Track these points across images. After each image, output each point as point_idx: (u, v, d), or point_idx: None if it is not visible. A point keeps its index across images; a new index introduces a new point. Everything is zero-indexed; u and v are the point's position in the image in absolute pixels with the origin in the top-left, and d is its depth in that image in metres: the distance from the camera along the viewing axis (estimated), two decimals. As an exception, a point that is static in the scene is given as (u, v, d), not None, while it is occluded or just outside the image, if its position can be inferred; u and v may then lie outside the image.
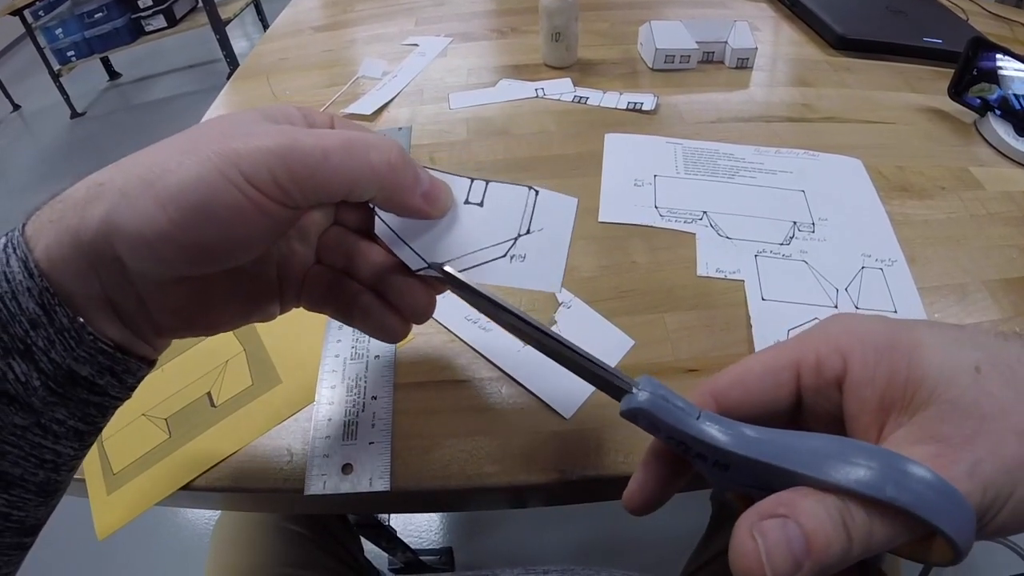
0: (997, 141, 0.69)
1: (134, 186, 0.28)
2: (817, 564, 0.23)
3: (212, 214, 0.28)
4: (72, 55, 3.37)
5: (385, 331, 0.38)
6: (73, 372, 0.29)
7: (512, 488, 0.42)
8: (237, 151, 0.28)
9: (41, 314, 0.28)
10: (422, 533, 1.44)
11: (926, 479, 0.23)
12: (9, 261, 0.28)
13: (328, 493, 0.42)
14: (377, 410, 0.46)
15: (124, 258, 0.28)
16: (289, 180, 0.29)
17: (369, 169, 0.31)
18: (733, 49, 0.85)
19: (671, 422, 0.27)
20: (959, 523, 0.23)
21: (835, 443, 0.25)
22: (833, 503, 0.24)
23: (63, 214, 0.28)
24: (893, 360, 0.27)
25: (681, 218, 0.59)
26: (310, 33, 1.08)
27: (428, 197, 0.35)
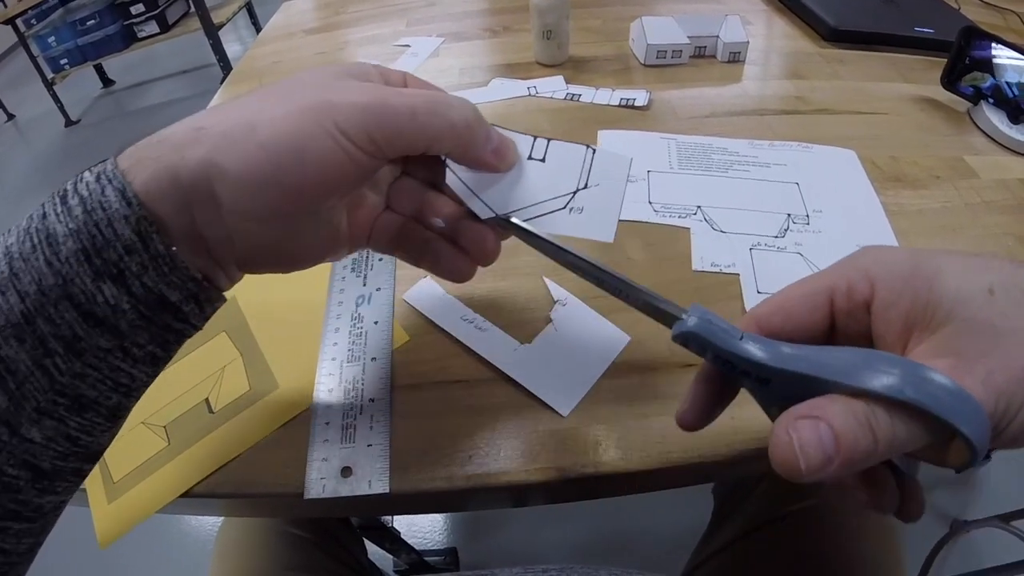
0: (991, 129, 0.69)
1: (238, 130, 0.31)
2: (846, 460, 0.26)
3: (309, 160, 0.31)
4: (65, 63, 3.36)
5: (454, 273, 0.41)
6: (163, 297, 0.31)
7: (511, 487, 0.42)
8: (333, 104, 0.32)
9: (136, 240, 0.29)
10: (426, 534, 1.44)
11: (943, 384, 0.25)
12: (105, 191, 0.29)
13: (328, 497, 0.42)
14: (375, 412, 0.45)
15: (222, 197, 0.31)
16: (380, 135, 0.33)
17: (450, 127, 0.35)
18: (725, 43, 0.85)
19: (717, 343, 0.30)
20: (974, 423, 0.25)
21: (863, 355, 0.28)
22: (860, 406, 0.26)
23: (161, 152, 0.30)
24: (915, 285, 0.29)
25: (676, 213, 0.59)
26: (302, 36, 1.08)
27: (497, 153, 0.38)
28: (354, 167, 0.33)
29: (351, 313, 0.52)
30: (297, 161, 0.31)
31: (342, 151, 0.32)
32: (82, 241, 0.29)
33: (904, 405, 0.26)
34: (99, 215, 0.29)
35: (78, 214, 0.29)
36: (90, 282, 0.29)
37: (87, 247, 0.29)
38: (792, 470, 0.27)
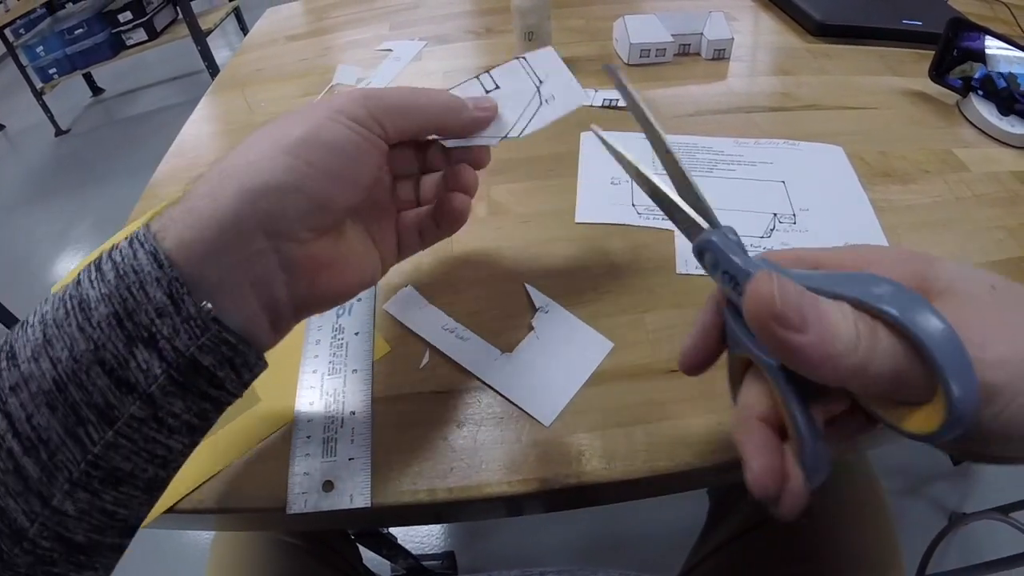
0: (980, 121, 0.69)
1: (261, 153, 0.33)
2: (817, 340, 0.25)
3: (330, 146, 0.35)
4: (54, 72, 3.35)
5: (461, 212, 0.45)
6: (195, 361, 0.31)
7: (493, 499, 0.41)
8: (336, 102, 0.36)
9: (168, 303, 0.30)
10: (423, 539, 1.44)
11: (938, 324, 0.24)
12: (136, 255, 0.30)
13: (310, 511, 0.41)
14: (356, 425, 0.45)
15: (264, 219, 0.32)
16: (381, 112, 0.37)
17: (434, 103, 0.41)
18: (709, 40, 0.84)
19: (734, 258, 0.30)
20: (963, 376, 0.23)
21: (866, 275, 0.27)
22: (851, 309, 0.26)
23: (191, 206, 0.31)
24: (912, 264, 0.29)
25: (660, 215, 0.58)
26: (285, 42, 1.07)
27: (480, 107, 0.43)
28: (368, 146, 0.37)
29: (332, 324, 0.51)
30: (324, 153, 0.34)
31: (355, 135, 0.36)
32: (114, 305, 0.29)
33: (897, 328, 0.25)
34: (131, 279, 0.29)
35: (111, 279, 0.30)
36: (122, 347, 0.29)
37: (119, 311, 0.29)
38: (764, 306, 0.25)
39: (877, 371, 0.25)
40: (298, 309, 0.37)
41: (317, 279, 0.37)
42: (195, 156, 0.80)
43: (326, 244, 0.37)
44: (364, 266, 0.42)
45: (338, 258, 0.38)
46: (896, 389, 0.26)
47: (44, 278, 2.46)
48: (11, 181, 3.20)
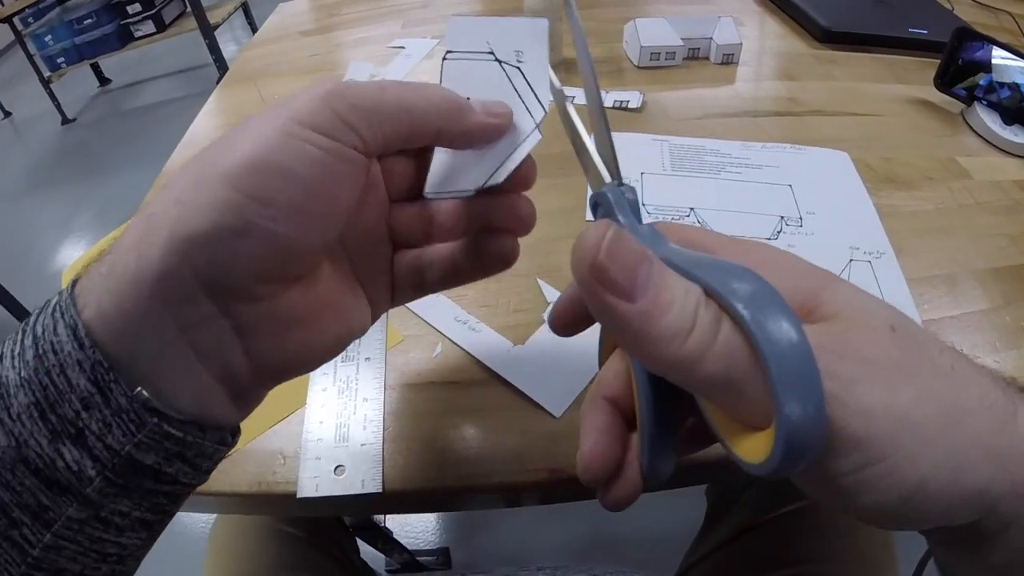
0: (984, 130, 0.70)
1: (190, 188, 0.25)
2: (645, 314, 0.21)
3: (288, 173, 0.26)
4: (62, 61, 3.35)
5: (504, 258, 0.36)
6: (134, 460, 0.25)
7: (503, 488, 0.42)
8: (291, 107, 0.27)
9: (95, 392, 0.24)
10: (418, 534, 1.44)
11: (790, 334, 0.20)
12: (56, 328, 0.25)
13: (320, 496, 0.42)
14: (368, 412, 0.46)
15: (206, 275, 0.25)
16: (353, 114, 0.27)
17: (424, 99, 0.30)
18: (718, 45, 0.85)
19: (619, 216, 0.28)
20: (799, 396, 0.19)
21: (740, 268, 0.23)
22: (698, 288, 0.22)
23: (114, 262, 0.25)
24: (801, 282, 0.25)
25: (669, 215, 0.60)
26: (296, 38, 1.08)
27: (490, 112, 0.32)
28: (341, 165, 0.27)
29: (345, 314, 0.52)
30: (276, 180, 0.26)
31: (321, 152, 0.26)
32: (34, 393, 0.24)
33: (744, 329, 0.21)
34: (51, 360, 0.24)
35: (29, 358, 0.25)
36: (47, 444, 0.24)
37: (40, 400, 0.24)
38: (584, 256, 0.22)
39: (708, 371, 0.21)
40: (265, 378, 0.30)
41: (285, 341, 0.29)
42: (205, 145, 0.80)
43: (294, 296, 0.29)
44: (348, 316, 0.33)
45: (312, 311, 0.30)
46: (729, 400, 0.22)
47: (47, 266, 2.46)
48: (17, 168, 3.21)
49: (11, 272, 2.00)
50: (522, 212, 0.35)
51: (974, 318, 0.50)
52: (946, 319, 0.50)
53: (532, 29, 0.35)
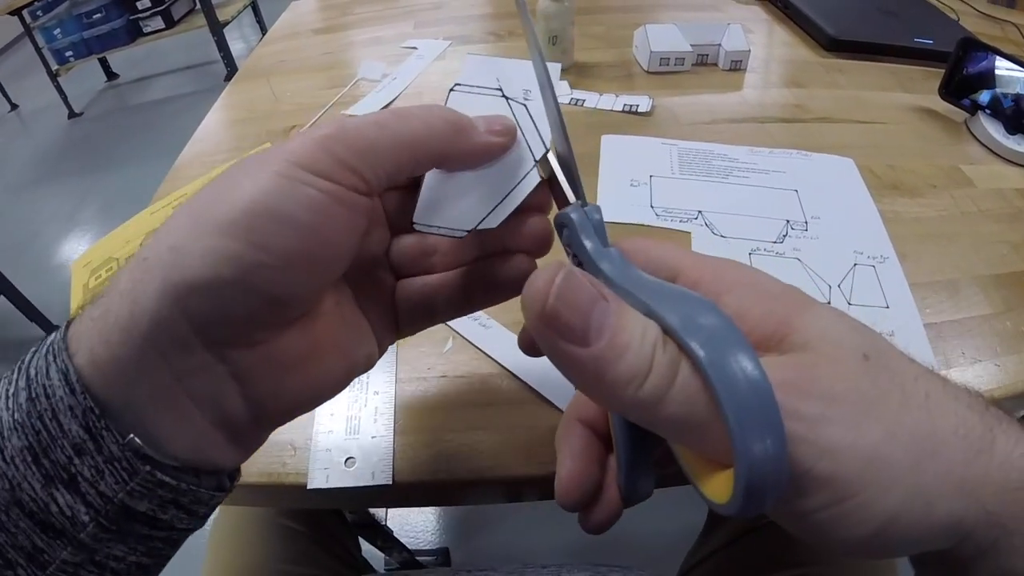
0: (988, 139, 0.70)
1: (185, 234, 0.24)
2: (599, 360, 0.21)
3: (288, 220, 0.25)
4: (70, 55, 3.36)
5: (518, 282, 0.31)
6: (127, 507, 0.25)
7: (512, 481, 0.43)
8: (289, 150, 0.26)
9: (87, 439, 0.24)
10: (418, 533, 1.44)
11: (748, 373, 0.20)
12: (49, 371, 0.24)
13: (331, 487, 0.42)
14: (379, 405, 0.46)
15: (201, 324, 0.25)
16: (353, 156, 0.26)
17: (426, 127, 0.28)
18: (727, 51, 0.86)
19: (583, 238, 0.27)
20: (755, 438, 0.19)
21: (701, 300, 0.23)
22: (657, 329, 0.22)
23: (107, 307, 0.24)
24: (772, 306, 0.24)
25: (677, 217, 0.60)
26: (309, 35, 1.09)
27: (493, 130, 0.31)
28: (342, 210, 0.26)
29: (356, 308, 0.53)
30: (273, 226, 0.25)
31: (322, 195, 0.25)
32: (27, 437, 0.24)
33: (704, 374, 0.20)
34: (43, 404, 0.24)
35: (22, 401, 0.24)
36: (40, 488, 0.24)
37: (33, 445, 0.24)
38: (533, 303, 0.21)
39: (667, 414, 0.21)
40: (265, 420, 0.29)
41: (284, 384, 0.28)
42: (218, 142, 0.81)
43: (292, 338, 0.28)
44: (351, 351, 0.32)
45: (312, 351, 0.29)
46: (692, 441, 0.22)
47: (51, 259, 2.47)
48: (22, 161, 3.21)
49: (15, 264, 2.01)
50: (540, 232, 0.33)
51: (975, 323, 0.50)
52: (948, 323, 0.50)
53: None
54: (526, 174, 0.32)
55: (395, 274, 0.35)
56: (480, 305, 0.35)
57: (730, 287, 0.25)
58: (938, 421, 0.22)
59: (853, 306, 0.51)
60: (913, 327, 0.50)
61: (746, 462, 0.19)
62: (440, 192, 0.32)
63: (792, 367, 0.22)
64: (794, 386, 0.21)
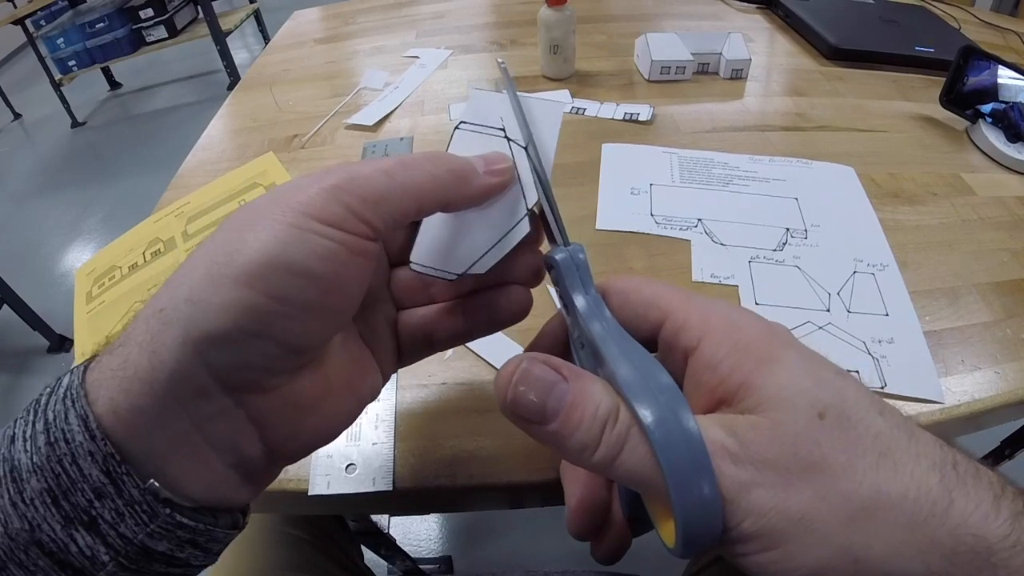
0: (988, 148, 0.71)
1: (202, 287, 0.25)
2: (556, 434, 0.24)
3: (305, 269, 0.26)
4: (73, 64, 3.38)
5: (520, 311, 0.36)
6: (147, 548, 0.26)
7: (513, 487, 0.43)
8: (301, 202, 0.26)
9: (107, 483, 0.24)
10: (421, 541, 1.44)
11: (683, 430, 0.23)
12: (68, 416, 0.25)
13: (332, 493, 0.42)
14: (380, 411, 0.46)
15: (221, 370, 0.25)
16: (363, 207, 0.27)
17: (430, 178, 0.30)
18: (727, 60, 0.86)
19: (567, 282, 0.30)
20: (696, 509, 0.22)
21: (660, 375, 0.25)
22: (611, 403, 0.24)
23: (126, 358, 0.25)
24: (741, 359, 0.25)
25: (677, 225, 0.61)
26: (312, 45, 1.10)
27: (492, 171, 0.33)
28: (355, 258, 0.28)
29: (358, 315, 0.53)
30: (291, 278, 0.26)
31: (336, 244, 0.26)
32: (47, 480, 0.24)
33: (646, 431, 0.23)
34: (62, 449, 0.24)
35: (41, 444, 0.25)
36: (60, 529, 0.24)
37: (52, 488, 0.24)
38: (498, 395, 0.25)
39: (618, 474, 0.24)
40: (280, 459, 0.30)
41: (300, 425, 0.30)
42: (221, 151, 0.82)
43: (306, 381, 0.29)
44: (360, 387, 0.33)
45: (325, 391, 0.30)
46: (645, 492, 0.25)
47: (53, 268, 2.47)
48: (26, 170, 3.23)
49: (18, 273, 2.01)
50: (532, 265, 0.35)
51: (975, 330, 0.50)
52: (948, 331, 0.50)
53: (547, 111, 0.36)
54: (517, 222, 0.33)
55: (396, 306, 0.36)
56: (479, 335, 0.37)
57: (710, 332, 0.27)
58: (885, 484, 0.22)
59: (853, 314, 0.51)
60: (913, 335, 0.50)
61: (683, 514, 0.22)
62: (436, 234, 0.34)
63: (734, 432, 0.23)
64: (729, 451, 0.23)
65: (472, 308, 0.36)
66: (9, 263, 2.29)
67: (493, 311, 0.35)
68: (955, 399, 0.46)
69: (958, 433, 0.47)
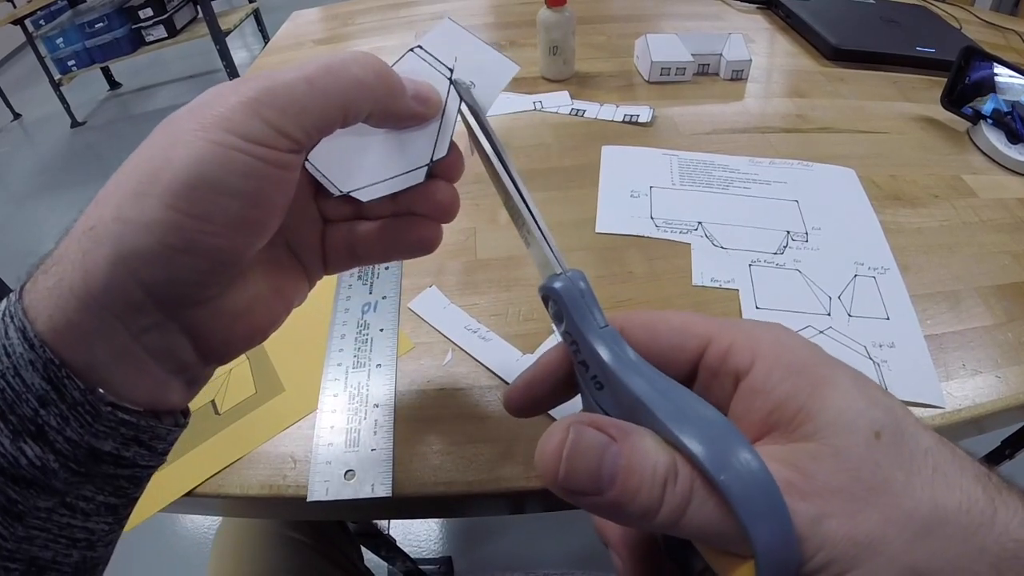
0: (989, 149, 0.70)
1: (130, 205, 0.26)
2: (614, 502, 0.22)
3: (227, 187, 0.26)
4: (73, 64, 3.38)
5: (423, 244, 0.37)
6: (94, 449, 0.26)
7: (511, 494, 0.43)
8: (220, 115, 0.26)
9: (49, 389, 0.25)
10: (421, 543, 1.44)
11: (768, 489, 0.22)
12: (8, 331, 0.25)
13: (330, 499, 0.42)
14: (379, 417, 0.46)
15: (153, 285, 0.26)
16: (284, 120, 0.27)
17: (356, 83, 0.29)
18: (728, 61, 0.86)
19: (574, 316, 0.28)
20: (775, 552, 0.21)
21: (702, 407, 0.24)
22: (668, 459, 0.22)
23: (60, 276, 0.26)
24: (797, 383, 0.25)
25: (677, 228, 0.60)
26: (311, 46, 1.09)
27: (419, 97, 0.33)
28: (279, 171, 0.28)
29: (357, 320, 0.53)
30: (215, 195, 0.26)
31: (257, 160, 0.27)
32: None
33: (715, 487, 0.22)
34: (4, 363, 0.25)
35: None
36: (9, 443, 0.25)
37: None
38: (547, 472, 0.23)
39: (684, 532, 0.22)
40: (214, 361, 0.32)
41: (232, 332, 0.31)
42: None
43: (236, 292, 0.31)
44: (287, 293, 0.35)
45: (255, 300, 0.32)
46: (713, 543, 0.23)
47: (55, 268, 2.47)
48: (25, 170, 3.23)
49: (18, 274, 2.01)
50: (442, 199, 0.36)
51: (976, 334, 0.50)
52: (949, 334, 0.50)
53: (501, 67, 0.36)
54: (416, 168, 0.34)
55: (322, 217, 0.37)
56: (395, 256, 0.38)
57: (762, 354, 0.26)
58: (943, 497, 0.22)
59: (853, 318, 0.51)
60: (914, 339, 0.49)
61: (765, 561, 0.21)
62: (340, 144, 0.34)
63: (796, 465, 0.23)
64: (796, 487, 0.22)
65: (388, 232, 0.36)
66: (8, 263, 2.29)
67: (403, 239, 0.36)
68: (956, 403, 0.45)
69: (959, 437, 0.47)
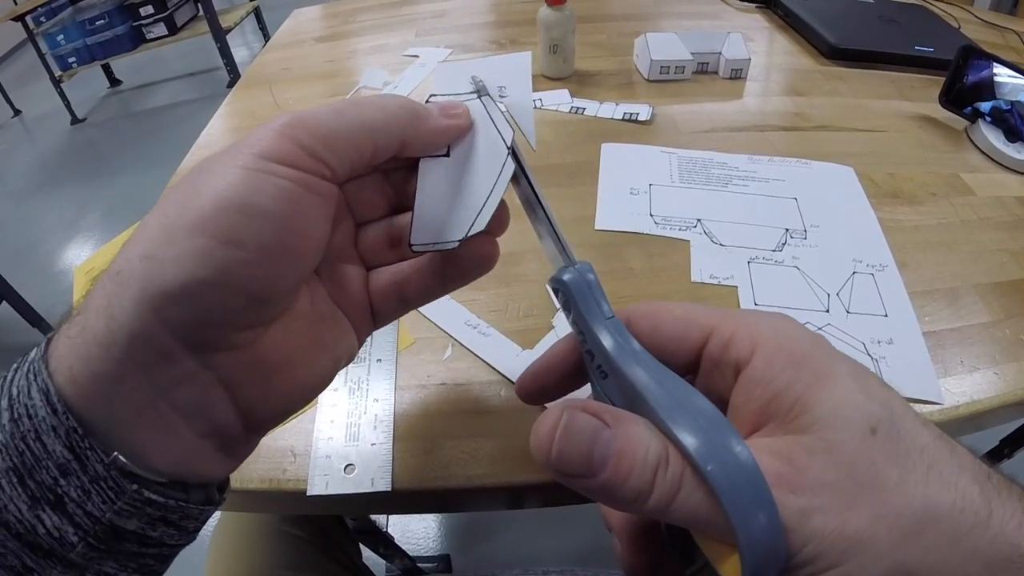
0: (988, 147, 0.70)
1: (158, 242, 0.24)
2: (606, 485, 0.23)
3: (259, 212, 0.25)
4: (73, 61, 3.39)
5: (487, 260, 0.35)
6: (116, 527, 0.25)
7: (511, 488, 0.43)
8: (252, 144, 0.26)
9: (71, 459, 0.23)
10: (420, 540, 1.44)
11: (756, 483, 0.22)
12: (31, 391, 0.24)
13: (330, 493, 0.42)
14: (379, 412, 0.46)
15: (182, 327, 0.24)
16: (315, 142, 0.27)
17: (382, 110, 0.29)
18: (727, 60, 0.86)
19: (580, 307, 0.28)
20: (759, 545, 0.21)
21: (698, 400, 0.25)
22: (659, 447, 0.23)
23: (84, 325, 0.24)
24: (796, 374, 0.25)
25: (676, 226, 0.61)
26: (312, 44, 1.09)
27: (446, 112, 0.32)
28: (310, 196, 0.27)
29: (357, 316, 0.53)
30: (246, 220, 0.25)
31: (289, 183, 0.26)
32: (11, 458, 0.23)
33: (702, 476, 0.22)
34: (26, 425, 0.23)
35: (5, 421, 0.24)
36: (26, 510, 0.23)
37: (17, 466, 0.23)
38: (540, 452, 0.23)
39: (674, 517, 0.23)
40: (256, 425, 0.29)
41: (273, 385, 0.29)
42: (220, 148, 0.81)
43: (276, 337, 0.28)
44: (333, 346, 0.32)
45: (296, 348, 0.29)
46: (702, 531, 0.24)
47: (52, 265, 2.48)
48: (25, 167, 3.23)
49: (18, 270, 2.01)
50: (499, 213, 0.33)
51: (974, 331, 0.50)
52: (947, 331, 0.50)
53: (515, 63, 0.35)
54: (502, 166, 0.32)
55: (365, 266, 0.35)
56: (451, 288, 0.36)
57: (763, 344, 0.26)
58: (935, 497, 0.23)
59: (852, 314, 0.51)
60: (912, 335, 0.50)
61: (749, 552, 0.21)
62: (429, 210, 0.33)
63: (789, 458, 0.23)
64: (786, 480, 0.22)
65: (440, 263, 0.34)
66: (8, 260, 2.29)
67: (461, 264, 0.34)
68: (954, 400, 0.46)
69: (958, 434, 0.47)
